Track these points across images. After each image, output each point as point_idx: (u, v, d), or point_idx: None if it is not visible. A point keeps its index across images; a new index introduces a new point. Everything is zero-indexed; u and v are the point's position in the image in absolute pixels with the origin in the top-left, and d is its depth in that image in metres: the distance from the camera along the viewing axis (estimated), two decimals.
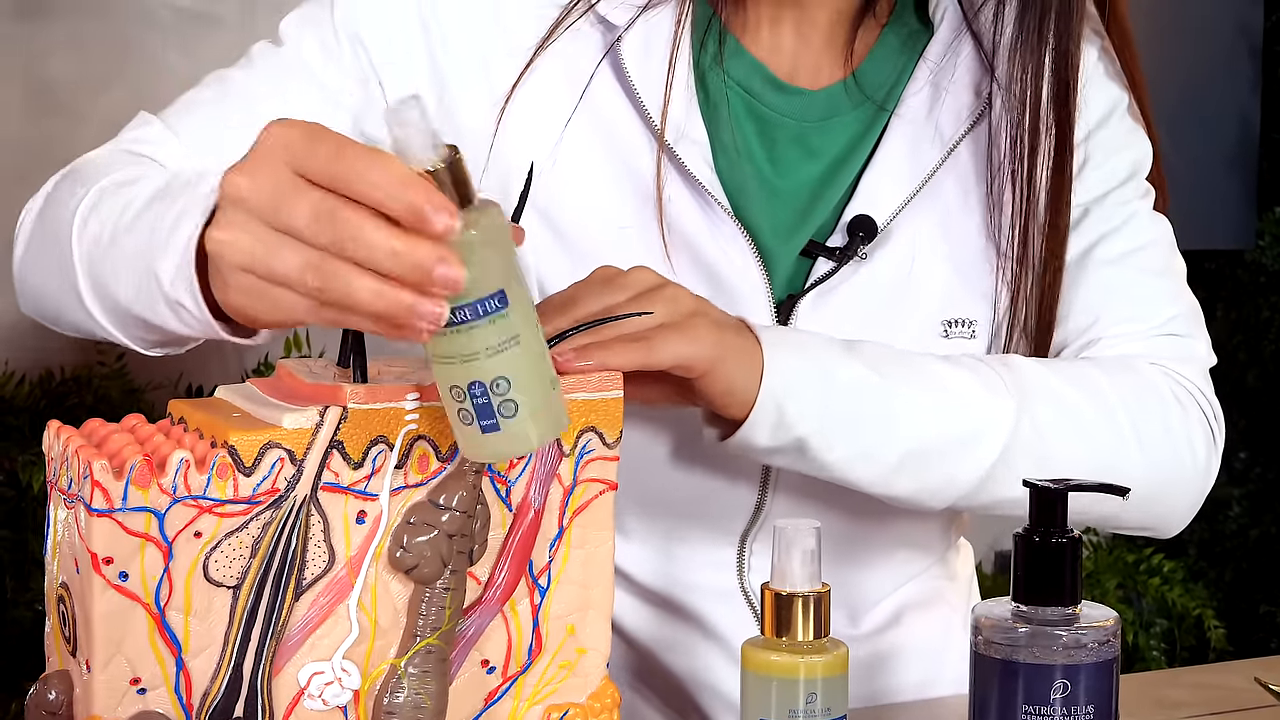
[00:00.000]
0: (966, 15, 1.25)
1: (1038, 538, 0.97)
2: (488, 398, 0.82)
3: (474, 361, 0.81)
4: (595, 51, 1.20)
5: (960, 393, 1.14)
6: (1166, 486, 1.22)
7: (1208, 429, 1.24)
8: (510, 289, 0.81)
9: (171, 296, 0.94)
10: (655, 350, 1.02)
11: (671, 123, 1.18)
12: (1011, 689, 0.95)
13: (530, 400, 0.83)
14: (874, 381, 1.11)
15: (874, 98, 1.24)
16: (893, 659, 1.30)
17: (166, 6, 2.13)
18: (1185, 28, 2.72)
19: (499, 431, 0.83)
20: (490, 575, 0.91)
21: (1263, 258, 2.80)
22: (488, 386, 0.82)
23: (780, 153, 1.22)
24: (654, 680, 1.28)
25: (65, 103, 2.08)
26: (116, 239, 1.02)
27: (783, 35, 1.23)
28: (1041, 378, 1.17)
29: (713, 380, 1.05)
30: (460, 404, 0.83)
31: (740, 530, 1.24)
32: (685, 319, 1.04)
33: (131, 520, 0.82)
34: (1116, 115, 1.28)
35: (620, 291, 1.05)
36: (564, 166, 1.19)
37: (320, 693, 0.88)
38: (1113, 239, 1.26)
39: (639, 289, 1.05)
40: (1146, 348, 1.25)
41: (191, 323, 0.94)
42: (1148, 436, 1.20)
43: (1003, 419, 1.14)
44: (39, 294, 1.16)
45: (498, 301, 0.81)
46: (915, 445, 1.12)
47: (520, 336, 0.82)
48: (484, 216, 0.80)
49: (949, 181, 1.23)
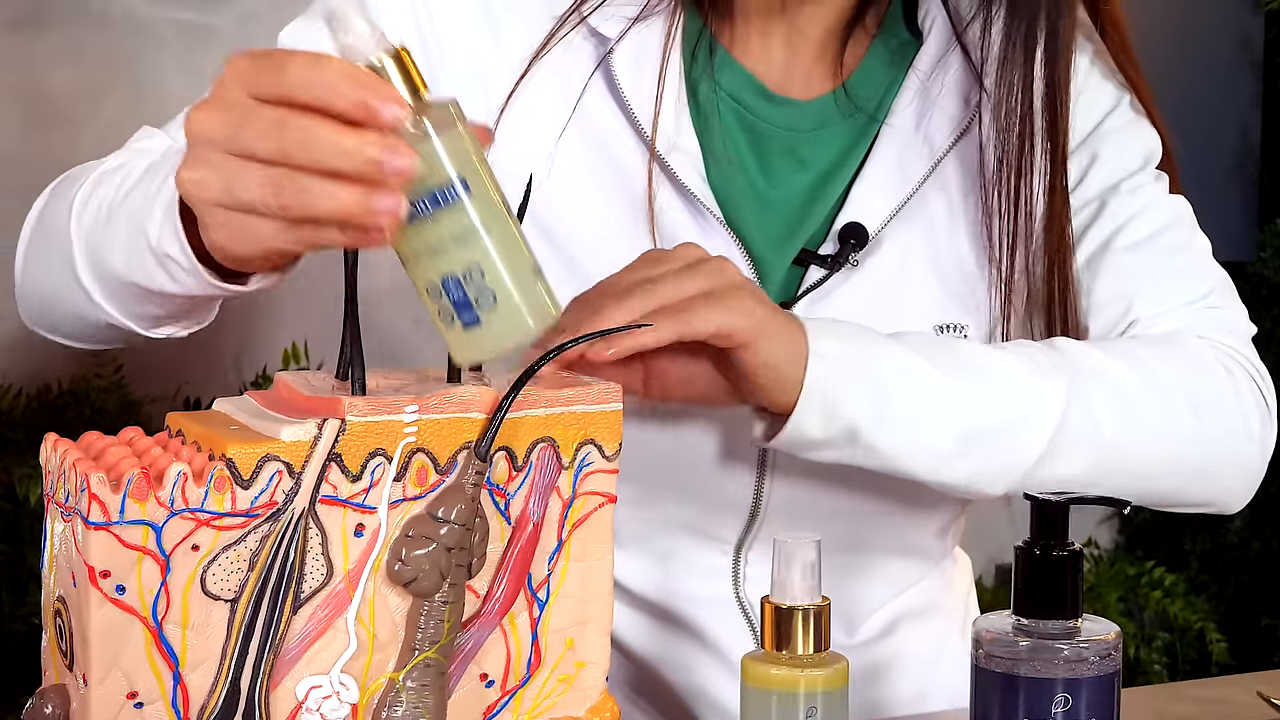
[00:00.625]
0: (955, 26, 1.25)
1: (1038, 551, 0.97)
2: (462, 290, 0.82)
3: (442, 254, 0.82)
4: (588, 63, 1.21)
5: (1010, 376, 1.13)
6: (1226, 460, 1.21)
7: (1260, 398, 1.23)
8: (471, 178, 0.81)
9: (160, 250, 0.95)
10: (693, 319, 1.01)
11: (663, 134, 1.19)
12: (1012, 703, 0.95)
13: (508, 289, 0.82)
14: (923, 367, 1.10)
15: (864, 108, 1.25)
16: (888, 669, 1.30)
17: (164, 19, 2.13)
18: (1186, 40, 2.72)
19: (480, 326, 0.83)
20: (489, 588, 0.91)
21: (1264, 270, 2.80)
22: (460, 279, 0.82)
23: (772, 163, 1.23)
24: (650, 691, 1.28)
25: (63, 115, 2.08)
26: (113, 214, 1.04)
27: (773, 47, 1.24)
28: (1090, 357, 1.17)
29: (753, 353, 1.04)
30: (438, 303, 0.83)
31: (735, 539, 1.25)
32: (726, 289, 1.03)
33: (129, 533, 0.82)
34: (1119, 111, 1.28)
35: (666, 264, 1.04)
36: (558, 178, 1.19)
37: (318, 706, 0.88)
38: (1132, 226, 1.26)
39: (685, 261, 1.05)
40: (1186, 323, 1.24)
41: (181, 276, 0.96)
42: (1203, 409, 1.19)
43: (1054, 399, 1.13)
44: (38, 294, 1.16)
45: (458, 189, 0.81)
46: (969, 429, 1.11)
47: (488, 224, 0.82)
48: (436, 108, 0.81)
49: (939, 190, 1.24)
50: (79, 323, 1.14)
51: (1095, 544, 2.82)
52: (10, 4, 2.06)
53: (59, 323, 1.17)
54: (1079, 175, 1.26)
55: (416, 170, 0.79)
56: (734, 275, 1.05)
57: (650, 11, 1.21)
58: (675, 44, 1.21)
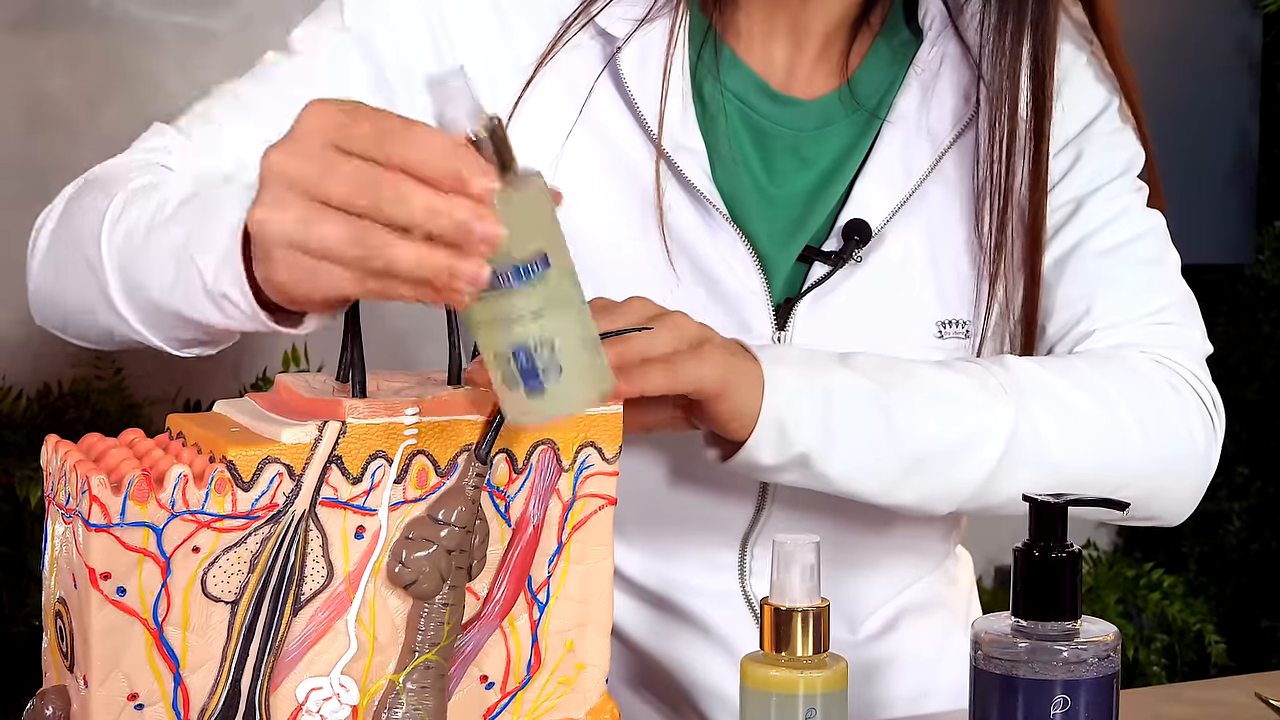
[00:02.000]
0: (954, 21, 1.26)
1: (1037, 553, 0.97)
2: (531, 361, 0.83)
3: (518, 325, 0.83)
4: (595, 64, 1.21)
5: (958, 397, 1.15)
6: (1168, 476, 1.23)
7: (1206, 415, 1.25)
8: (554, 254, 0.83)
9: (216, 289, 0.94)
10: (679, 374, 1.03)
11: (669, 132, 1.20)
12: (1011, 705, 0.95)
13: (575, 362, 0.84)
14: (872, 392, 1.12)
15: (866, 106, 1.26)
16: (891, 666, 1.30)
17: (164, 22, 2.13)
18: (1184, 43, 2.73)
19: (543, 394, 0.84)
20: (489, 590, 0.91)
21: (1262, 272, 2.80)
22: (531, 350, 0.83)
23: (776, 161, 1.24)
24: (653, 682, 1.28)
25: (63, 118, 2.08)
26: (150, 238, 1.02)
27: (777, 46, 1.25)
28: (1037, 376, 1.18)
29: (722, 402, 1.06)
30: (505, 369, 0.84)
31: (741, 534, 1.25)
32: (698, 344, 1.06)
33: (129, 535, 0.82)
34: (1107, 115, 1.29)
35: (620, 319, 1.06)
36: (566, 177, 1.20)
37: (318, 708, 0.88)
38: (1104, 231, 1.28)
39: (640, 317, 1.06)
40: (1138, 336, 1.26)
41: (235, 315, 0.95)
42: (1147, 426, 1.20)
43: (1002, 420, 1.15)
44: (58, 302, 1.16)
45: (540, 264, 0.82)
46: (917, 453, 1.13)
47: (564, 300, 0.83)
48: (525, 182, 0.82)
49: (940, 186, 1.25)
50: (104, 336, 1.14)
51: (1094, 546, 2.83)
52: (11, 7, 2.06)
53: (84, 332, 1.16)
54: (1061, 173, 1.27)
55: (502, 241, 0.79)
56: (694, 329, 1.07)
57: (657, 13, 1.21)
58: (681, 43, 1.22)
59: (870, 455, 1.12)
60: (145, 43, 2.13)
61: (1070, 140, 1.27)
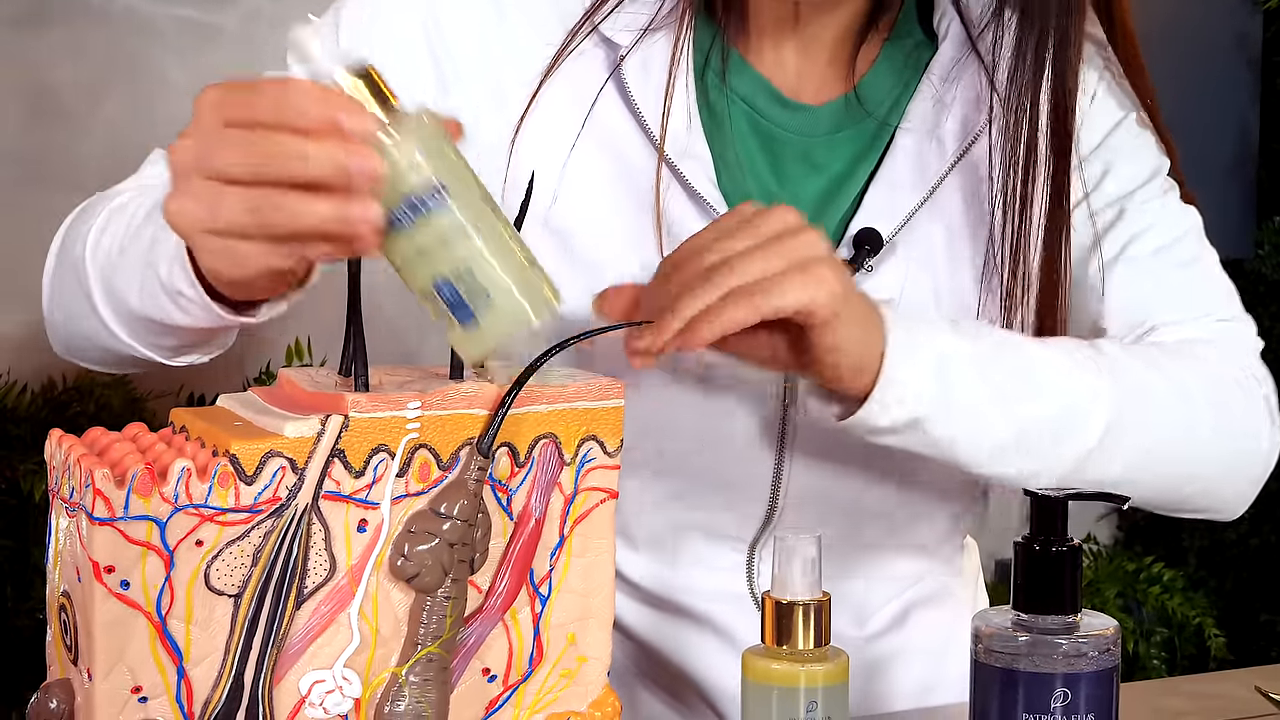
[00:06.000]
0: (969, 31, 1.24)
1: (1038, 546, 0.97)
2: (455, 291, 0.83)
3: (431, 258, 0.83)
4: (601, 72, 1.21)
5: (1063, 372, 1.13)
6: (1234, 470, 1.23)
7: (1269, 412, 1.25)
8: (450, 180, 0.83)
9: (171, 287, 0.97)
10: (775, 296, 0.99)
11: (674, 139, 1.19)
12: (1012, 698, 0.95)
13: (501, 284, 0.84)
14: (986, 360, 1.10)
15: (876, 112, 1.24)
16: (898, 659, 1.30)
17: (168, 16, 2.13)
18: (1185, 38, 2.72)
19: (478, 323, 0.84)
20: (491, 584, 0.92)
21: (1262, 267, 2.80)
22: (451, 280, 0.83)
23: (785, 168, 1.23)
24: (660, 676, 1.28)
25: (65, 112, 2.08)
26: (124, 250, 1.05)
27: (786, 51, 1.23)
28: (1126, 361, 1.17)
29: (828, 332, 1.02)
30: (435, 306, 0.84)
31: (750, 538, 1.25)
32: (811, 263, 1.01)
33: (133, 529, 0.82)
34: (1126, 124, 1.28)
35: (749, 237, 1.02)
36: (572, 185, 1.20)
37: (321, 701, 0.88)
38: (1147, 236, 1.26)
39: (770, 233, 1.02)
40: (1201, 334, 1.25)
41: (192, 309, 0.97)
42: (1220, 420, 1.20)
43: (1103, 399, 1.13)
44: (67, 326, 1.18)
45: (438, 195, 0.82)
46: (1025, 425, 1.11)
47: (471, 223, 0.83)
48: (408, 118, 0.83)
49: (953, 194, 1.23)
50: (104, 353, 1.15)
51: (1094, 540, 2.83)
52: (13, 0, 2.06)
53: (87, 353, 1.18)
54: (1089, 187, 1.25)
55: (384, 172, 0.80)
56: (819, 248, 1.02)
57: (661, 22, 1.20)
58: (686, 50, 1.21)
59: (981, 424, 1.10)
60: (148, 36, 2.12)
61: (1093, 151, 1.26)
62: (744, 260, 1.00)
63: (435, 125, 0.84)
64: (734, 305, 0.99)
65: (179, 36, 2.13)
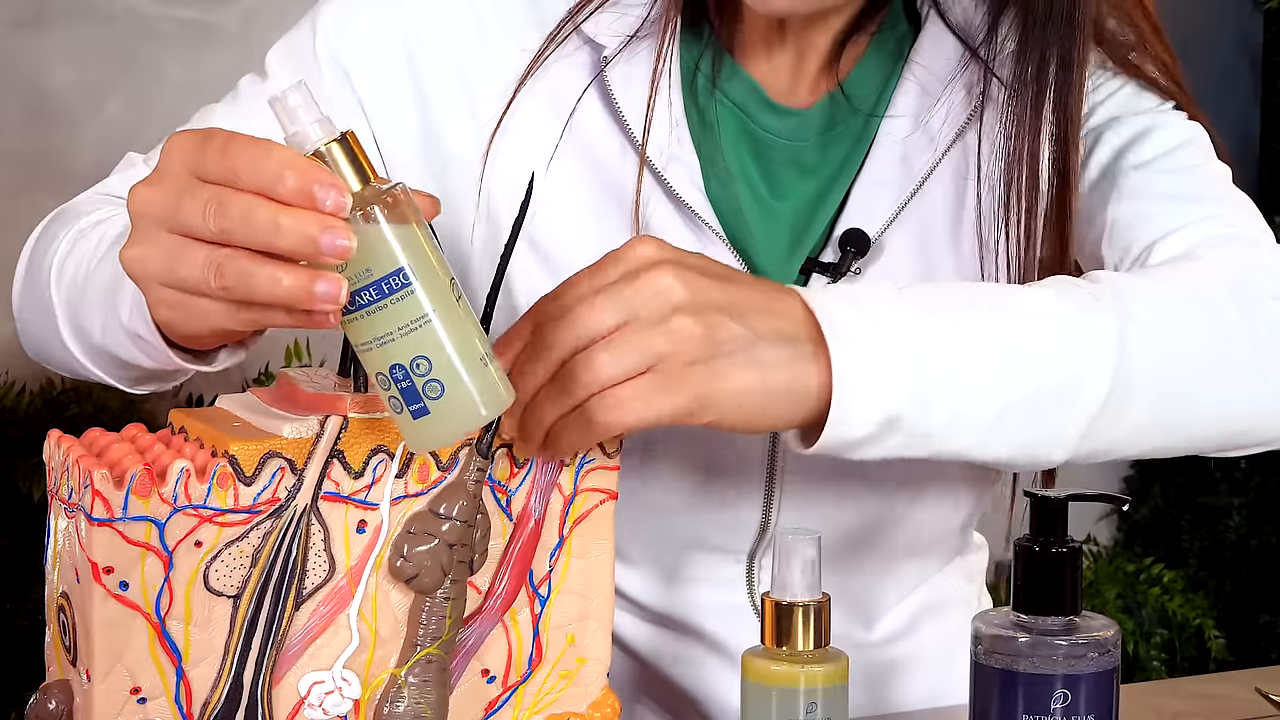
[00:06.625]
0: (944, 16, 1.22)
1: (1038, 548, 0.97)
2: (410, 380, 0.81)
3: (389, 344, 0.80)
4: (583, 78, 1.18)
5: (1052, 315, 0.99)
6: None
7: None
8: (416, 265, 0.80)
9: (130, 329, 0.96)
10: (633, 412, 0.89)
11: (658, 146, 1.17)
12: (1012, 699, 0.95)
13: (456, 378, 0.81)
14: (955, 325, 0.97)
15: (862, 107, 1.22)
16: (908, 664, 1.29)
17: (167, 18, 2.13)
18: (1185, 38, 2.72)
19: (429, 415, 0.81)
20: (490, 585, 0.92)
21: None
22: (407, 368, 0.81)
23: (775, 173, 1.20)
24: (657, 692, 1.27)
25: (65, 112, 2.08)
26: (89, 280, 1.04)
27: (778, 56, 1.21)
28: (1135, 285, 1.04)
29: (710, 416, 0.92)
30: (388, 392, 0.82)
31: (748, 549, 1.24)
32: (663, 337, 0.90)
33: (132, 530, 0.82)
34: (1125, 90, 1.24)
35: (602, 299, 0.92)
36: (552, 195, 1.18)
37: (320, 702, 0.88)
38: (1141, 144, 1.20)
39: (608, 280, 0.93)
40: (1205, 235, 1.14)
41: (151, 353, 0.96)
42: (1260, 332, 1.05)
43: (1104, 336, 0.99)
44: (33, 336, 1.17)
45: (401, 279, 0.79)
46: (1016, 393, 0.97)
47: (434, 313, 0.80)
48: (383, 194, 0.80)
49: (941, 186, 1.20)
50: (69, 371, 1.15)
51: (1095, 541, 2.83)
52: (13, 2, 2.06)
53: (54, 366, 1.17)
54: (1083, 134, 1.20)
55: (355, 252, 0.77)
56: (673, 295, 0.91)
57: (647, 29, 1.19)
58: (673, 56, 1.19)
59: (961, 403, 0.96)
60: (148, 37, 2.13)
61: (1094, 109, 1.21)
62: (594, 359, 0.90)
63: (409, 203, 0.81)
64: (595, 418, 0.90)
65: (179, 37, 2.13)
